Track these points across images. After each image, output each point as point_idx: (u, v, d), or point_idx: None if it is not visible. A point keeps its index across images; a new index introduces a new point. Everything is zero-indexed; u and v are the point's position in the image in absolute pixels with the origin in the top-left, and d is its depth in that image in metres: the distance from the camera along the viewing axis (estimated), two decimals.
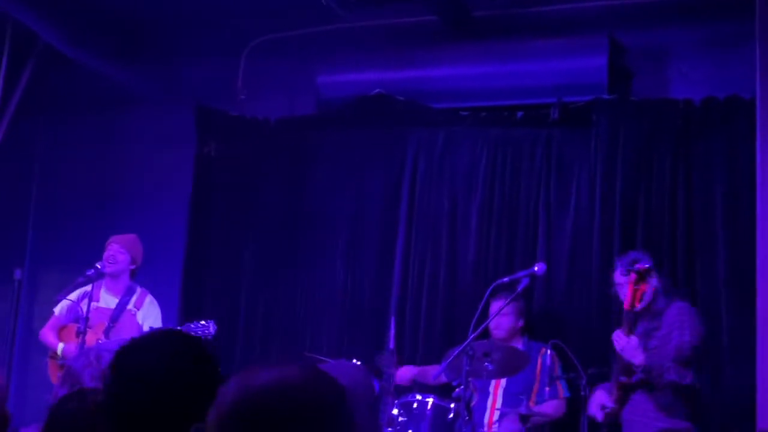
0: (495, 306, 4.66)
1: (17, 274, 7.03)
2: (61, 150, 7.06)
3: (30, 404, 6.40)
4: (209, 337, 4.86)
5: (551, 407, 4.81)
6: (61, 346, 5.12)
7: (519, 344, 4.95)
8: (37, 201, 7.18)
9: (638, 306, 4.11)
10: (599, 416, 4.30)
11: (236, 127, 6.37)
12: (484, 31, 5.78)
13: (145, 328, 5.07)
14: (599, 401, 4.33)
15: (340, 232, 6.00)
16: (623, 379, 4.12)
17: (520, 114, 5.66)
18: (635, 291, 4.06)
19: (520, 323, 5.06)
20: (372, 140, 6.04)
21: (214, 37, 6.31)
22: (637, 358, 4.08)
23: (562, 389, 4.86)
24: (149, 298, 5.24)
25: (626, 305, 4.11)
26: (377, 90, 5.91)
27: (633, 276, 4.10)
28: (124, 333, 5.00)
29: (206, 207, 6.40)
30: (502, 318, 4.86)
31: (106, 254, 5.15)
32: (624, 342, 4.09)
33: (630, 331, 4.09)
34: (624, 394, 4.18)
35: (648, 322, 4.27)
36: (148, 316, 5.16)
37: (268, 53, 6.39)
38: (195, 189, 6.44)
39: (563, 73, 5.49)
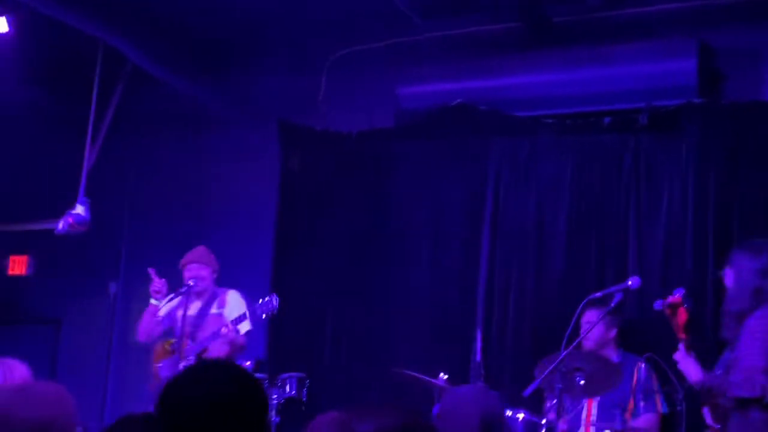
0: (586, 317, 4.57)
1: (112, 287, 7.29)
2: (151, 167, 7.27)
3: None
4: (274, 311, 4.97)
5: (645, 421, 4.69)
6: (156, 367, 5.31)
7: (613, 355, 4.83)
8: (130, 216, 7.40)
9: (682, 336, 3.96)
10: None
11: (319, 141, 6.44)
12: (566, 36, 5.70)
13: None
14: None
15: (423, 242, 5.99)
16: (716, 401, 3.96)
17: (607, 120, 5.55)
18: (675, 323, 3.94)
19: (612, 333, 4.93)
20: (454, 150, 6.01)
21: (295, 54, 6.41)
22: (694, 375, 3.91)
23: (660, 403, 4.73)
24: (231, 292, 5.42)
25: (679, 334, 3.99)
26: (458, 100, 5.88)
27: (668, 310, 3.98)
28: (209, 333, 5.20)
29: (291, 219, 6.49)
30: (589, 326, 4.75)
31: (188, 274, 5.37)
32: (682, 357, 3.94)
33: (689, 348, 3.94)
34: (722, 413, 4.01)
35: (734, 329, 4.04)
36: (233, 309, 5.31)
37: (349, 66, 6.44)
38: (280, 203, 6.54)
39: (651, 77, 5.36)
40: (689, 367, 3.93)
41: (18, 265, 7.30)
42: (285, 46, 6.37)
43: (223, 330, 5.05)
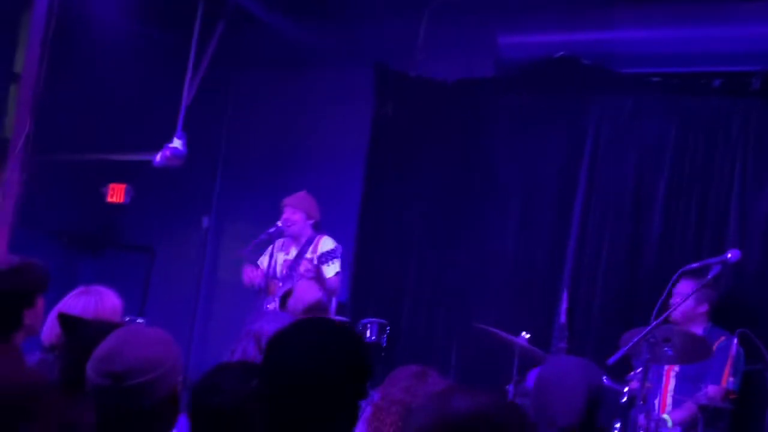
0: (679, 288, 4.42)
1: (205, 221, 7.48)
2: (248, 105, 7.36)
3: (211, 349, 6.82)
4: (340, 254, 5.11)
5: (713, 390, 4.52)
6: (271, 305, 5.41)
7: (699, 329, 4.68)
8: (225, 153, 7.54)
9: None
10: None
11: (414, 88, 6.36)
12: None
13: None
14: None
15: (513, 198, 5.89)
16: None
17: (716, 82, 5.28)
18: None
19: (702, 308, 4.75)
20: (553, 105, 5.84)
21: None
22: None
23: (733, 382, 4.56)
24: (323, 237, 5.45)
25: None
26: (561, 52, 5.69)
27: None
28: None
29: (382, 165, 6.46)
30: (679, 298, 4.60)
31: (283, 217, 5.40)
32: None
33: None
34: None
35: None
36: (323, 249, 5.36)
37: (449, 13, 6.30)
38: (371, 147, 6.52)
39: (767, 38, 5.06)
40: None
41: (117, 193, 7.54)
42: None
43: (302, 268, 5.07)
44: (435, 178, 6.20)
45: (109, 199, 7.55)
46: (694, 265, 4.12)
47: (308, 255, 5.41)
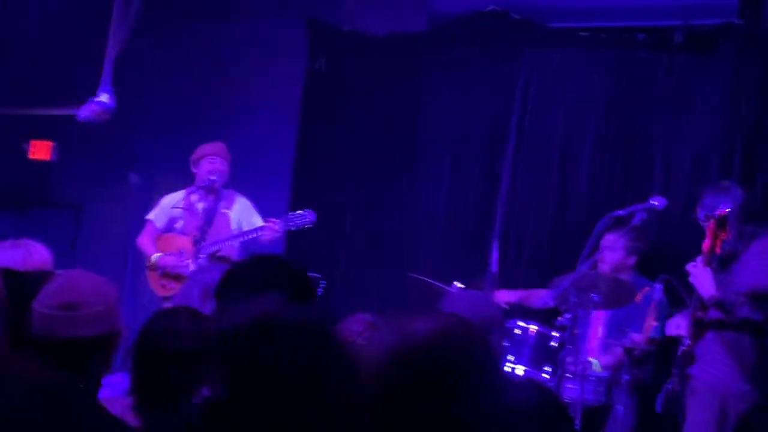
0: (606, 241, 4.57)
1: (133, 177, 7.33)
2: (177, 57, 7.17)
3: (141, 306, 6.74)
4: (309, 225, 4.93)
5: (637, 337, 4.72)
6: (156, 256, 5.29)
7: (626, 278, 4.85)
8: (153, 107, 7.37)
9: (718, 252, 3.94)
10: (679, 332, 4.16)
11: (347, 42, 6.33)
12: None
13: (242, 225, 5.21)
14: (676, 325, 4.20)
15: (446, 150, 5.96)
16: (699, 314, 3.96)
17: (641, 36, 5.42)
18: (714, 238, 3.89)
19: (631, 260, 4.89)
20: (484, 58, 5.90)
21: None
22: (708, 290, 3.88)
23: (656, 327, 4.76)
24: (238, 197, 5.37)
25: (705, 248, 3.95)
26: (491, 6, 5.74)
27: (712, 223, 3.93)
28: (219, 232, 5.18)
29: (315, 120, 6.44)
30: (610, 252, 4.78)
31: (210, 167, 5.25)
32: (698, 271, 3.92)
33: (707, 264, 3.92)
34: (699, 330, 4.01)
35: (722, 265, 4.05)
36: (242, 212, 5.29)
37: None
38: (304, 102, 6.49)
39: None
40: (704, 281, 3.90)
41: (41, 150, 7.32)
42: None
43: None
44: (369, 132, 6.21)
45: (31, 156, 7.32)
46: (621, 211, 4.28)
47: (222, 210, 5.30)
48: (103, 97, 5.96)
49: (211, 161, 5.31)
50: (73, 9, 6.38)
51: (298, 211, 4.94)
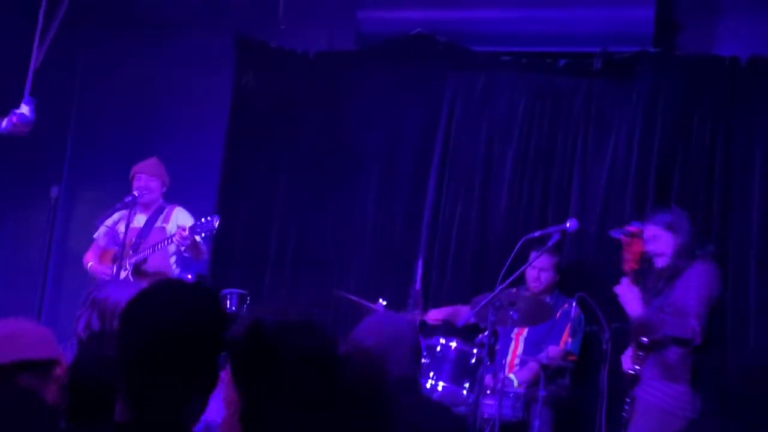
0: (540, 259, 4.72)
1: (54, 191, 7.18)
2: (103, 69, 7.08)
3: (62, 321, 6.60)
4: (213, 231, 4.97)
5: (553, 351, 4.85)
6: (90, 264, 5.32)
7: (548, 298, 4.99)
8: (77, 119, 7.25)
9: (636, 267, 4.13)
10: (629, 369, 4.31)
11: (276, 59, 6.36)
12: None
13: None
14: (628, 358, 4.35)
15: (373, 169, 6.03)
16: (644, 340, 4.13)
17: (562, 62, 5.59)
18: (630, 253, 4.09)
19: (556, 279, 5.10)
20: (411, 80, 6.00)
21: None
22: (635, 309, 4.05)
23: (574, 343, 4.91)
24: (177, 209, 5.39)
25: (624, 266, 4.13)
26: (418, 29, 5.85)
27: (625, 239, 4.13)
28: (154, 244, 5.18)
29: (243, 136, 6.44)
30: (543, 272, 4.95)
31: (137, 184, 5.30)
32: (625, 291, 4.09)
33: (634, 283, 4.10)
34: (643, 355, 4.18)
35: (662, 282, 4.22)
36: (178, 222, 5.26)
37: None
38: (232, 118, 6.47)
39: (609, 21, 5.40)
40: (632, 300, 4.06)
41: None
42: None
43: (178, 237, 4.93)
44: (297, 147, 6.24)
45: None
46: (536, 233, 4.40)
47: (159, 224, 5.32)
48: (24, 110, 5.83)
49: (137, 179, 5.35)
50: None
51: (203, 219, 4.95)
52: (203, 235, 4.99)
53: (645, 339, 4.09)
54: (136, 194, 5.17)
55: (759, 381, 2.16)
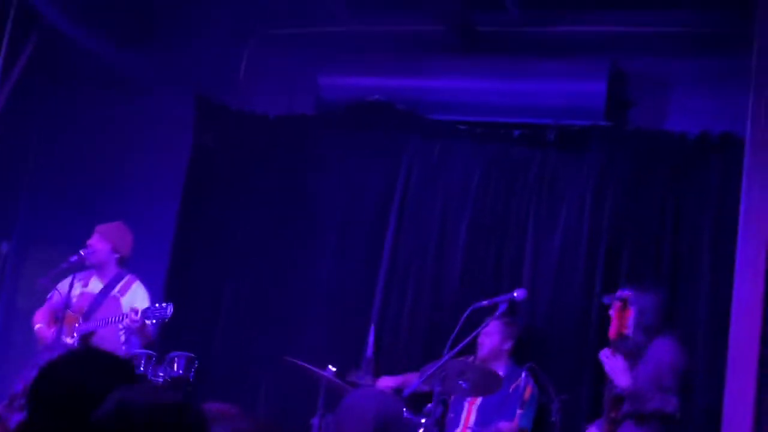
0: (487, 329, 4.71)
1: (4, 247, 7.05)
2: (59, 127, 7.03)
3: (9, 379, 6.42)
4: (166, 319, 4.89)
5: (504, 426, 4.81)
6: (38, 326, 5.17)
7: (501, 368, 4.93)
8: (31, 176, 7.17)
9: (625, 332, 4.16)
10: None
11: (236, 121, 6.39)
12: (488, 46, 5.81)
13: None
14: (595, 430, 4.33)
15: (330, 232, 6.02)
16: (613, 414, 4.13)
17: (517, 132, 5.69)
18: (621, 318, 4.11)
19: (507, 345, 5.05)
20: (369, 145, 6.05)
21: (218, 26, 6.30)
22: (624, 380, 4.09)
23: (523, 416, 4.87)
24: (136, 284, 5.26)
25: (612, 334, 4.15)
26: (376, 96, 5.93)
27: (617, 304, 4.16)
28: (106, 317, 5.06)
29: (199, 196, 6.41)
30: (486, 337, 4.91)
31: (88, 242, 5.18)
32: (612, 361, 4.12)
33: (616, 350, 4.13)
34: (614, 429, 4.18)
35: (629, 358, 4.25)
36: (134, 300, 5.18)
37: (272, 47, 6.40)
38: (189, 177, 6.46)
39: (563, 95, 5.52)
40: (618, 370, 4.09)
41: None
42: (210, 18, 6.25)
43: (130, 319, 4.86)
44: (254, 209, 6.21)
45: None
46: (484, 302, 4.40)
47: (115, 293, 5.20)
48: None
49: (92, 237, 5.25)
50: None
51: (158, 304, 4.87)
52: (154, 321, 4.90)
53: (614, 414, 4.09)
54: (83, 253, 5.07)
55: None
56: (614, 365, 4.12)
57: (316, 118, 6.24)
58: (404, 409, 3.16)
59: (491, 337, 4.96)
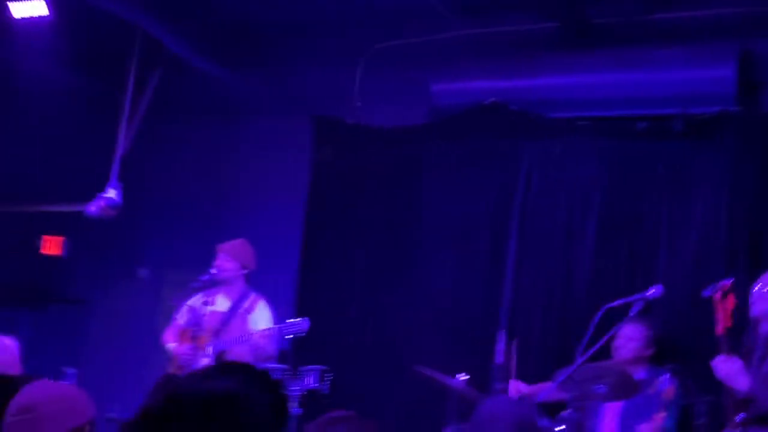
0: (626, 329, 4.53)
1: (142, 272, 7.38)
2: (185, 154, 7.33)
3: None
4: (303, 333, 4.94)
5: (645, 430, 4.58)
6: (171, 345, 5.31)
7: (641, 371, 4.73)
8: (163, 202, 7.47)
9: (729, 325, 3.83)
10: None
11: (351, 135, 6.44)
12: (604, 39, 5.62)
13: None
14: None
15: (450, 242, 5.95)
16: (742, 415, 3.83)
17: (641, 125, 5.46)
18: (724, 311, 3.81)
19: (649, 351, 4.81)
20: (485, 150, 5.96)
21: (331, 46, 6.41)
22: (741, 383, 3.71)
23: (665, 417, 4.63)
24: (262, 303, 5.34)
25: (719, 329, 3.85)
26: (491, 99, 5.83)
27: (718, 295, 3.85)
28: (234, 335, 5.16)
29: (321, 213, 6.49)
30: (628, 341, 4.72)
31: (215, 263, 5.29)
32: (725, 366, 3.77)
33: (730, 353, 3.79)
34: None
35: (745, 355, 3.92)
36: (260, 319, 5.26)
37: (384, 61, 6.42)
38: (310, 195, 6.55)
39: (688, 82, 5.27)
40: (735, 373, 3.70)
41: (52, 245, 7.41)
42: (322, 37, 6.37)
43: (257, 338, 4.95)
44: (374, 223, 6.24)
45: (43, 251, 7.40)
46: (617, 302, 4.21)
47: (242, 311, 5.27)
48: (111, 193, 6.06)
49: (217, 257, 5.36)
50: (83, 109, 6.55)
51: (293, 319, 4.94)
52: (290, 336, 4.98)
53: (742, 415, 3.79)
54: (214, 272, 5.20)
55: None
56: (729, 369, 3.74)
57: (430, 126, 6.20)
58: (538, 416, 3.04)
59: (633, 342, 4.76)
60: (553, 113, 5.70)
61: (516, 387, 4.99)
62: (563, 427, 4.14)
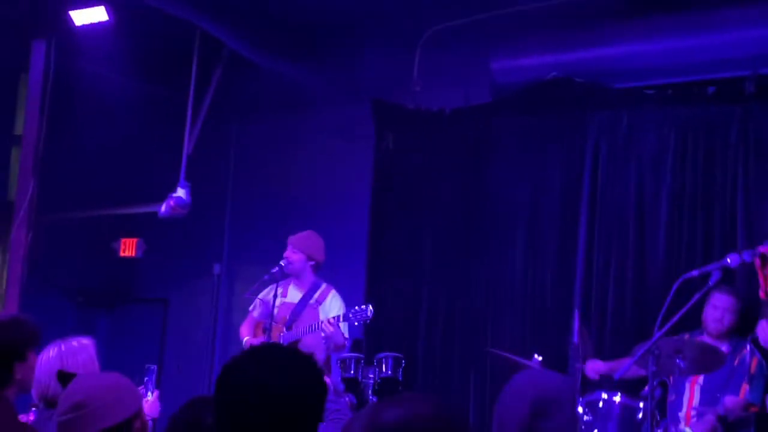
0: (722, 299, 4.39)
1: (216, 268, 7.51)
2: (250, 149, 7.42)
3: None
4: (368, 320, 4.97)
5: (731, 402, 4.42)
6: (246, 339, 5.38)
7: (725, 344, 4.58)
8: (231, 199, 7.58)
9: None
10: None
11: (413, 120, 6.39)
12: (665, 4, 5.42)
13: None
14: None
15: (519, 222, 5.87)
16: None
17: (711, 89, 5.26)
18: (765, 276, 3.65)
19: (737, 322, 4.68)
20: (550, 126, 5.84)
21: (388, 32, 6.35)
22: None
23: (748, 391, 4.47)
24: (333, 293, 5.36)
25: (762, 293, 3.70)
26: (553, 73, 5.70)
27: (758, 261, 3.70)
28: (305, 325, 5.19)
29: (386, 199, 6.47)
30: (726, 313, 4.60)
31: (284, 255, 5.33)
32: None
33: None
34: None
35: None
36: (331, 309, 5.28)
37: (442, 42, 6.35)
38: (376, 182, 6.54)
39: (758, 42, 5.05)
40: None
41: (129, 248, 7.60)
42: (379, 24, 6.32)
43: (325, 326, 4.98)
44: (440, 207, 6.19)
45: (121, 254, 7.60)
46: (694, 272, 4.06)
47: (312, 302, 5.30)
48: (180, 193, 6.16)
49: (287, 249, 5.39)
50: (149, 111, 6.68)
51: (358, 307, 4.95)
52: (356, 323, 4.98)
53: None
54: (282, 264, 5.23)
55: None
56: None
57: (492, 105, 6.10)
58: (574, 391, 2.89)
59: (732, 314, 4.62)
60: (619, 84, 5.54)
61: (593, 366, 4.89)
62: (644, 404, 4.03)
